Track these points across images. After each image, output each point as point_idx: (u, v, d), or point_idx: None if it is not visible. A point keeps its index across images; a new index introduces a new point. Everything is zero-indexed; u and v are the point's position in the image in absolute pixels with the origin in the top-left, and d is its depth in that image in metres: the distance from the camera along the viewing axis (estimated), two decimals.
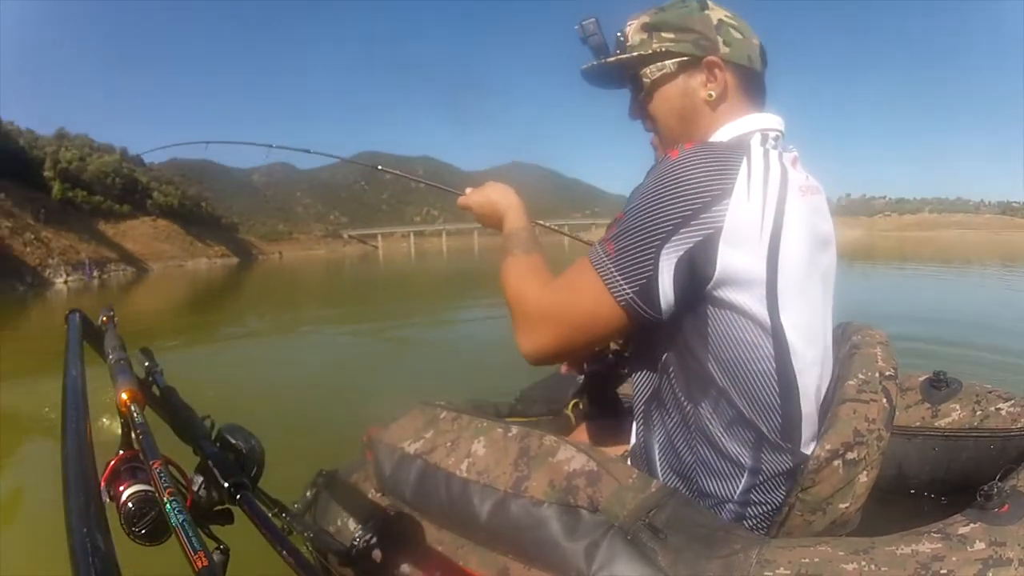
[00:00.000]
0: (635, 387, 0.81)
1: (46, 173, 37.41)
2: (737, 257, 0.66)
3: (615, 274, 0.69)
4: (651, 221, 0.67)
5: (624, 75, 0.87)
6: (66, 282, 24.57)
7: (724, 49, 0.80)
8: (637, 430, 0.83)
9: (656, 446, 0.79)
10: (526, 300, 0.77)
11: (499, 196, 0.96)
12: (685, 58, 0.81)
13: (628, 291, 0.68)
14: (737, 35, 0.81)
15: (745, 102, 0.82)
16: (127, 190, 45.09)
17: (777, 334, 0.69)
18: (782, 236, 0.68)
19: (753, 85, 0.83)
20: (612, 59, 0.86)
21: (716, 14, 0.81)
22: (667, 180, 0.67)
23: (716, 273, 0.66)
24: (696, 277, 0.67)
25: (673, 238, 0.66)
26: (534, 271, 0.81)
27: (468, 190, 1.03)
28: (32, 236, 27.40)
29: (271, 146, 1.62)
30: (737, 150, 0.70)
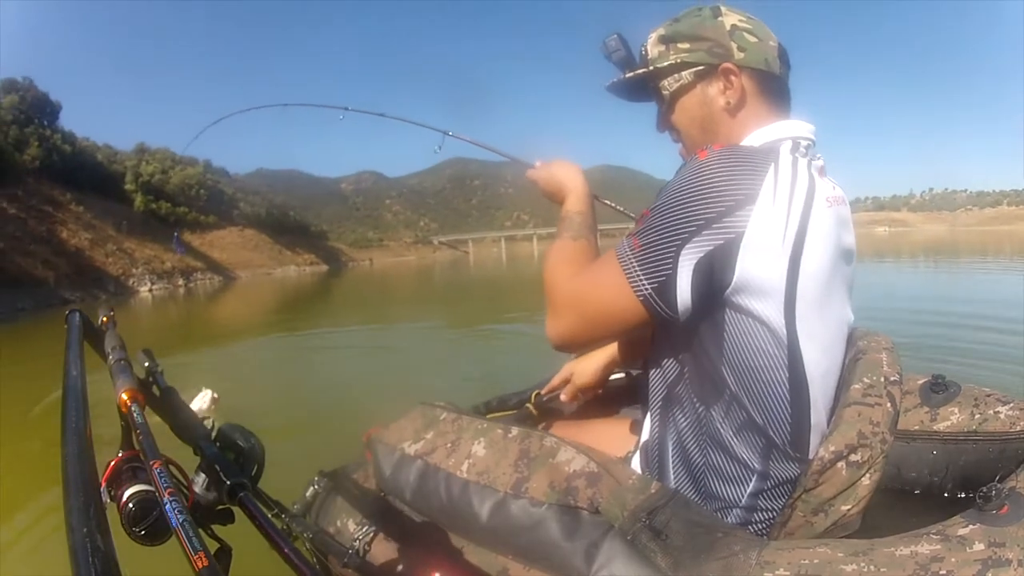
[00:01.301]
0: (652, 384, 0.81)
1: (127, 186, 38.41)
2: (757, 264, 0.66)
3: (636, 269, 0.69)
4: (674, 221, 0.67)
5: (648, 88, 0.87)
6: (151, 291, 25.21)
7: (739, 55, 0.78)
8: (652, 426, 0.83)
9: (669, 444, 0.79)
10: (556, 286, 0.79)
11: (565, 175, 0.96)
12: (700, 67, 0.80)
13: (647, 287, 0.69)
14: (752, 39, 0.79)
15: (767, 107, 0.81)
16: (212, 201, 45.75)
17: (792, 344, 0.69)
18: (804, 246, 0.67)
19: (773, 89, 0.81)
20: (629, 75, 0.87)
21: (729, 19, 0.80)
22: (693, 181, 0.67)
23: (735, 279, 0.66)
24: (714, 281, 0.67)
25: (694, 239, 0.66)
26: (574, 258, 0.82)
27: (538, 163, 1.03)
28: (114, 247, 28.34)
29: (347, 108, 1.60)
30: (766, 156, 0.69)
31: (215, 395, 3.04)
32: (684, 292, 0.67)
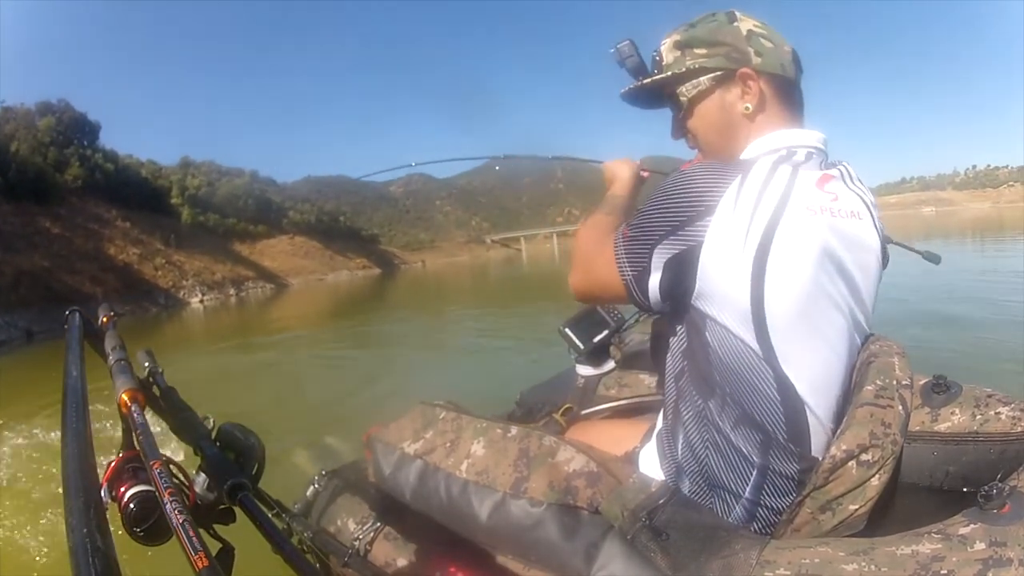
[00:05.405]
0: (665, 377, 0.83)
1: (173, 200, 38.93)
2: (716, 274, 0.68)
3: (623, 256, 0.76)
4: (652, 221, 0.73)
5: (663, 95, 0.88)
6: (202, 301, 25.54)
7: (756, 59, 0.79)
8: (664, 416, 0.84)
9: (679, 433, 0.80)
10: (578, 246, 0.89)
11: (617, 168, 1.07)
12: (719, 72, 0.81)
13: (629, 273, 0.76)
14: (768, 44, 0.80)
15: (783, 111, 0.82)
16: (261, 210, 46.11)
17: (768, 355, 0.69)
18: (769, 257, 0.67)
19: (789, 93, 0.82)
20: (647, 80, 0.87)
21: (745, 25, 0.81)
22: (671, 188, 0.72)
23: (697, 286, 0.69)
24: (681, 282, 0.71)
25: (665, 240, 0.71)
26: (599, 227, 0.89)
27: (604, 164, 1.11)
28: (163, 260, 28.86)
29: (503, 156, 1.62)
30: (738, 168, 0.70)
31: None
32: (655, 285, 0.74)
